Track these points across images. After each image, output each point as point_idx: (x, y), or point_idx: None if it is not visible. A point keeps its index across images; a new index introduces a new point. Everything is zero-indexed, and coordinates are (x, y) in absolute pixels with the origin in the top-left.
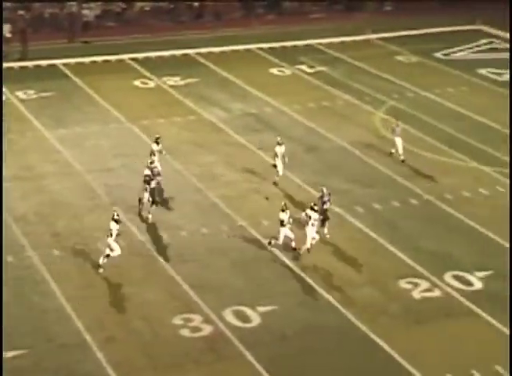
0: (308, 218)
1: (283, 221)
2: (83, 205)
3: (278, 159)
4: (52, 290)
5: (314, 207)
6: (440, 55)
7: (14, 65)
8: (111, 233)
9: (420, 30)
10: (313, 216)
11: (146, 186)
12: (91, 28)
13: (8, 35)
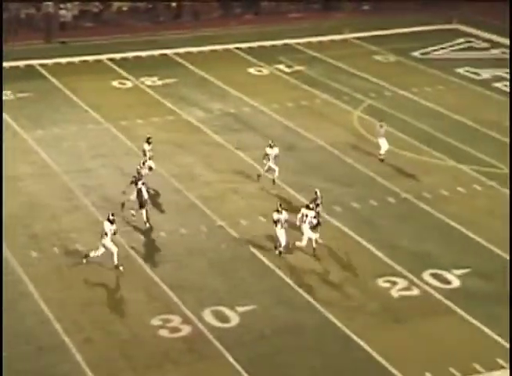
0: (305, 216)
1: (276, 221)
2: (61, 206)
3: (270, 161)
4: (30, 292)
5: (309, 206)
6: (417, 54)
7: None
8: (106, 233)
9: (397, 30)
10: (310, 214)
11: (141, 187)
12: (69, 28)
13: None
